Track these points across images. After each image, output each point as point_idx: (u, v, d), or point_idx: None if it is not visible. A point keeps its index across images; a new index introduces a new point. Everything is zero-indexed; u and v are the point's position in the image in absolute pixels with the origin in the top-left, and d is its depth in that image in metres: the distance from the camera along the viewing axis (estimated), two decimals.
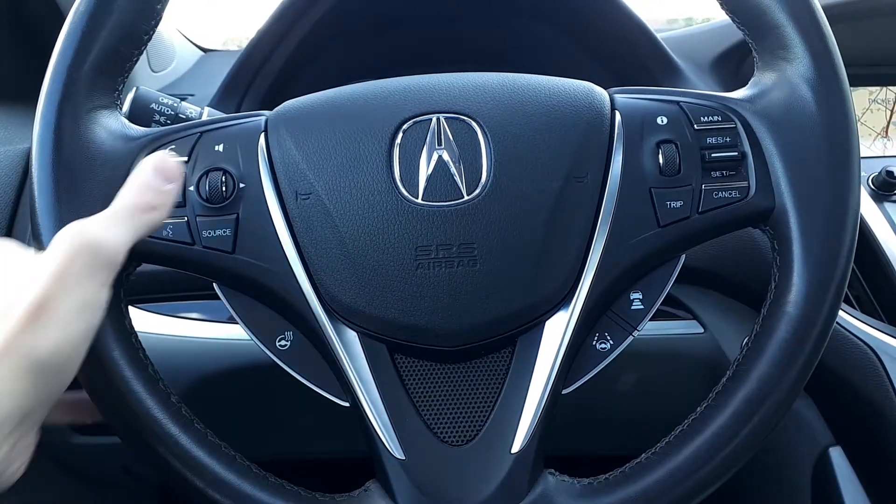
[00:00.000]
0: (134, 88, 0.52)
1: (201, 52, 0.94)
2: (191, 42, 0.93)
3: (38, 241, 0.39)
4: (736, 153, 0.41)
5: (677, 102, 0.43)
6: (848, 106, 0.41)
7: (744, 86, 0.44)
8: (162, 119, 0.52)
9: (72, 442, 0.72)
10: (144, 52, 0.44)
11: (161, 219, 0.38)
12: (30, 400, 0.30)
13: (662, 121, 0.42)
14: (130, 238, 0.35)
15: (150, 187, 0.37)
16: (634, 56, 0.71)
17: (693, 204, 0.41)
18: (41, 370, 0.30)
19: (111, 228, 0.35)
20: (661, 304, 0.43)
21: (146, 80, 0.79)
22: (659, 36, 0.72)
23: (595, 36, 0.73)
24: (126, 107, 0.51)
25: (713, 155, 0.41)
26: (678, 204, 0.41)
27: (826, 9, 0.74)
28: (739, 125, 0.42)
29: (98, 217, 0.35)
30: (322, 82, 0.51)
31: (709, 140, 0.42)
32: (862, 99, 0.84)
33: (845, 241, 0.40)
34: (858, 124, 0.82)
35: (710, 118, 0.42)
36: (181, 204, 0.41)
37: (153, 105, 0.52)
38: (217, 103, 0.69)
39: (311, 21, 0.68)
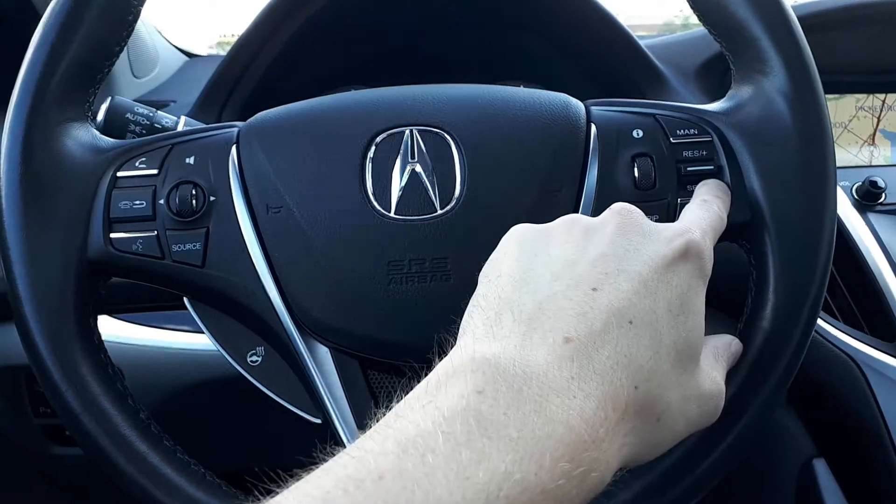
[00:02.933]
0: (108, 98, 0.52)
1: (185, 58, 0.93)
2: (175, 47, 0.93)
3: (5, 257, 0.39)
4: (712, 167, 0.41)
5: (653, 115, 0.42)
6: (824, 121, 0.40)
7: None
8: (137, 129, 0.51)
9: (51, 453, 0.72)
10: (126, 57, 0.44)
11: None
12: None
13: (638, 133, 0.42)
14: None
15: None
16: (619, 65, 0.71)
17: (668, 218, 0.41)
18: None
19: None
20: None
21: (128, 86, 0.78)
22: (644, 43, 0.72)
23: (580, 46, 0.72)
24: (101, 116, 0.51)
25: (689, 168, 0.41)
26: (654, 218, 0.40)
27: (814, 16, 0.75)
28: (716, 138, 0.42)
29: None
30: (304, 91, 0.50)
31: (685, 153, 0.41)
32: (848, 106, 0.84)
33: (821, 255, 0.39)
34: (845, 132, 0.82)
35: (687, 131, 0.42)
36: (151, 217, 0.40)
37: (128, 115, 0.51)
38: (197, 112, 0.68)
39: (291, 29, 0.67)
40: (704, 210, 0.37)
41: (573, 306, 0.28)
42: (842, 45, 0.77)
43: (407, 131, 0.41)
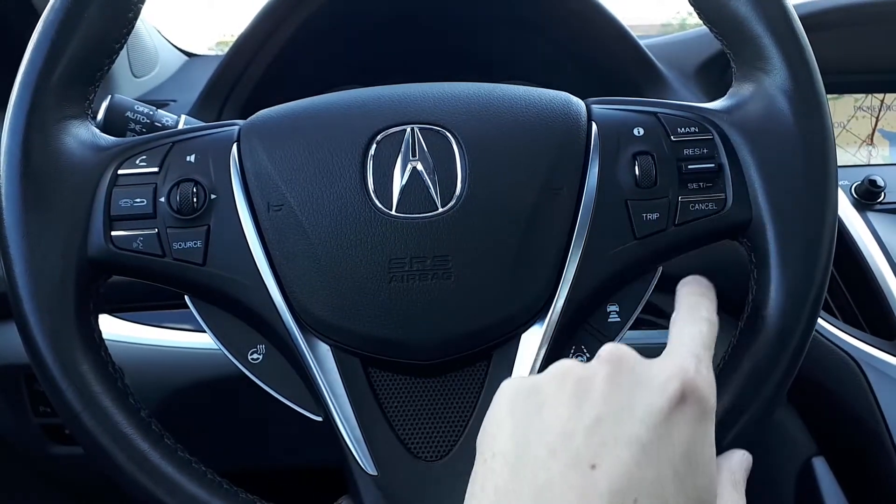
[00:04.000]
0: (109, 96, 0.52)
1: (185, 57, 0.93)
2: (174, 46, 0.93)
3: (5, 255, 0.39)
4: (713, 165, 0.41)
5: (654, 113, 0.42)
6: (825, 118, 0.40)
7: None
8: (137, 128, 0.51)
9: (51, 452, 0.72)
10: (126, 57, 0.44)
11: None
12: None
13: (639, 132, 0.42)
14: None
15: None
16: (618, 65, 0.71)
17: (669, 216, 0.41)
18: None
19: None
20: (641, 313, 0.43)
21: (128, 85, 0.78)
22: (644, 43, 0.72)
23: (580, 45, 0.72)
24: (101, 115, 0.51)
25: (690, 166, 0.41)
26: (654, 216, 0.40)
27: (813, 16, 0.75)
28: (717, 136, 0.41)
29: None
30: (304, 90, 0.50)
31: (686, 151, 0.41)
32: (847, 106, 0.84)
33: (822, 254, 0.39)
34: (844, 131, 0.82)
35: (688, 129, 0.42)
36: (152, 215, 0.40)
37: (128, 113, 0.51)
38: (197, 111, 0.68)
39: (291, 29, 0.67)
40: (693, 324, 0.35)
41: (573, 491, 0.26)
42: (841, 44, 0.78)
43: (408, 129, 0.41)
